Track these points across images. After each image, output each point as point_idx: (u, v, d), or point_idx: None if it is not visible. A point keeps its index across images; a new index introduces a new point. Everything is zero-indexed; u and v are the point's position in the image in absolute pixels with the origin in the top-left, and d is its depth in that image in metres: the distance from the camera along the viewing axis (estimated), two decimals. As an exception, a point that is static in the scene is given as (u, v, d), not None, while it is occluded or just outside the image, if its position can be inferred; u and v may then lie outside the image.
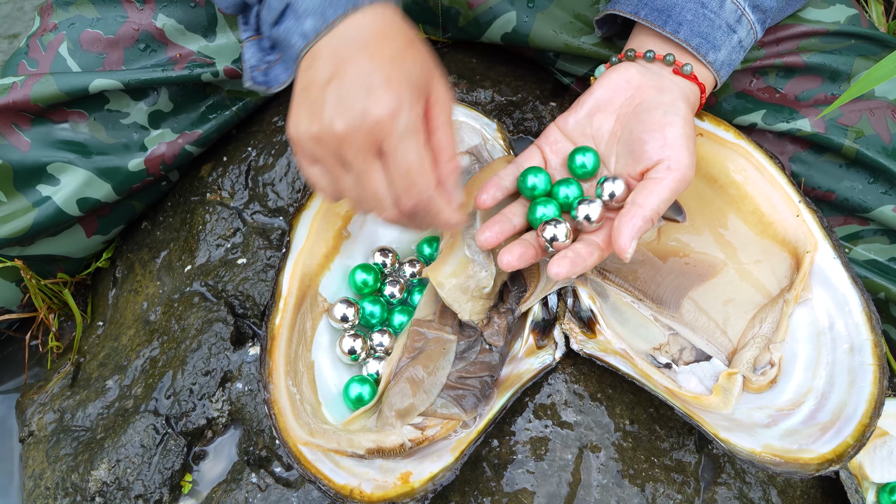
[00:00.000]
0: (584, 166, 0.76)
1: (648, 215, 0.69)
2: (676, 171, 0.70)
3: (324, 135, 0.63)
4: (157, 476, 0.79)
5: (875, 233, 0.87)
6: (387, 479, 0.71)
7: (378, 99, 0.61)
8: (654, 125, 0.72)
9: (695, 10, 0.76)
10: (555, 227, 0.72)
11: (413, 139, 0.63)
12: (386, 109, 0.61)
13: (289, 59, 0.68)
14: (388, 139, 0.62)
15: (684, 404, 0.74)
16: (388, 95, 0.61)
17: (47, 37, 0.88)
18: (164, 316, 0.88)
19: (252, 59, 0.74)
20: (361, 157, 0.63)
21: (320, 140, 0.63)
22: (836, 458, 0.71)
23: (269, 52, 0.73)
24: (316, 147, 0.64)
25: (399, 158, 0.63)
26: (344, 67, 0.62)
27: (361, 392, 0.77)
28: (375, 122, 0.61)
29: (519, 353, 0.79)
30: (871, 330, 0.75)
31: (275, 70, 0.73)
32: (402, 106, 0.62)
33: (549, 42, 0.88)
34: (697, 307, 0.82)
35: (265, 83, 0.73)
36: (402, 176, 0.63)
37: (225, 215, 0.90)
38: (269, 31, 0.69)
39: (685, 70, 0.76)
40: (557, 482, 0.75)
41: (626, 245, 0.68)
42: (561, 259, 0.70)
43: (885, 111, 0.86)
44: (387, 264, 0.83)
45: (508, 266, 0.71)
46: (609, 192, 0.73)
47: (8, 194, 0.87)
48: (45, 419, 0.87)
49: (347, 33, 0.63)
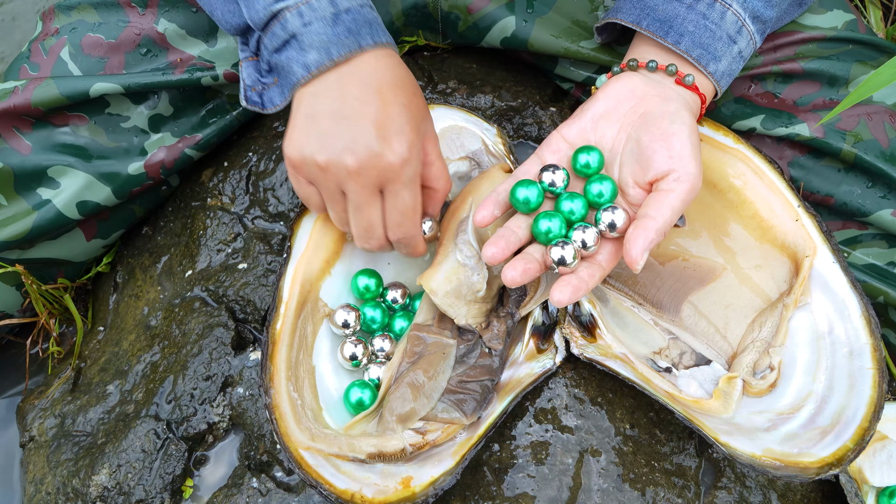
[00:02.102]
0: (589, 165, 0.74)
1: (661, 227, 0.69)
2: (686, 182, 0.71)
3: (332, 166, 0.69)
4: (158, 481, 0.79)
5: (874, 237, 0.87)
6: (388, 484, 0.71)
7: (392, 146, 0.68)
8: (660, 134, 0.72)
9: (696, 22, 0.76)
10: (562, 249, 0.70)
11: (414, 186, 0.71)
12: (398, 157, 0.68)
13: (286, 85, 0.72)
14: (394, 183, 0.70)
15: (684, 408, 0.74)
16: (402, 144, 0.69)
17: (49, 41, 0.88)
18: (165, 321, 0.88)
19: (248, 78, 0.77)
20: (366, 192, 0.70)
21: (326, 169, 0.69)
22: (835, 462, 0.71)
23: (267, 75, 0.76)
24: (319, 173, 0.70)
25: (399, 200, 0.71)
26: (357, 108, 0.68)
27: (362, 397, 0.77)
28: (388, 166, 0.68)
29: (519, 357, 0.79)
30: (871, 334, 0.76)
31: (270, 93, 0.76)
32: (413, 155, 0.70)
33: (548, 46, 0.88)
34: (697, 311, 0.82)
35: (259, 104, 0.76)
36: (398, 213, 0.72)
37: (226, 220, 0.91)
38: (269, 56, 0.73)
39: (687, 81, 0.76)
40: (558, 486, 0.75)
41: (638, 257, 0.68)
42: (564, 285, 0.70)
43: (882, 116, 0.86)
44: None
45: (512, 282, 0.71)
46: (608, 223, 0.72)
47: (8, 198, 0.87)
48: (46, 424, 0.87)
49: (358, 73, 0.69)
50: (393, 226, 0.72)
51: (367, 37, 0.70)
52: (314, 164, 0.70)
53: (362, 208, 0.71)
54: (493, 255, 0.72)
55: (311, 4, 0.69)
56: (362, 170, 0.68)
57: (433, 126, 0.75)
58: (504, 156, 0.85)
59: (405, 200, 0.71)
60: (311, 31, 0.69)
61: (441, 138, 0.86)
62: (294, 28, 0.69)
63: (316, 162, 0.69)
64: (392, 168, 0.69)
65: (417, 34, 0.95)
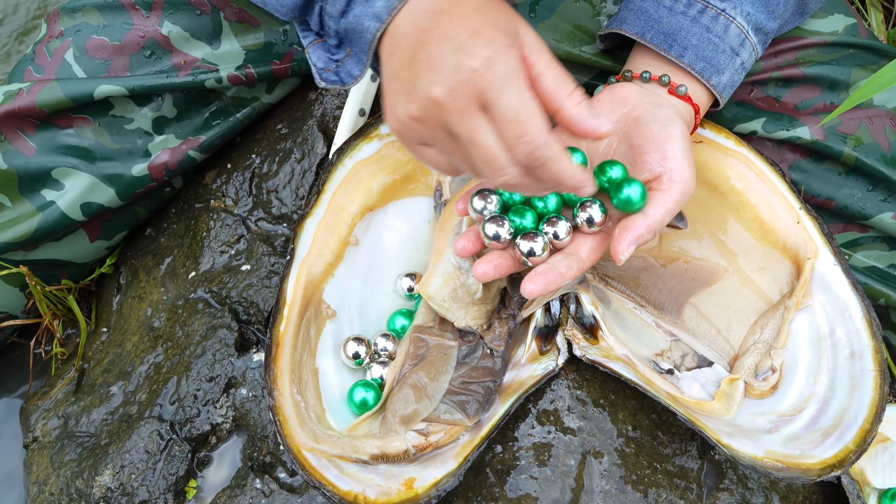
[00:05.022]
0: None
1: (652, 225, 0.69)
2: (679, 184, 0.71)
3: (424, 109, 0.60)
4: (161, 482, 0.79)
5: (874, 240, 0.87)
6: (391, 485, 0.71)
7: (470, 51, 0.58)
8: (652, 138, 0.72)
9: (700, 35, 0.76)
10: (532, 241, 0.69)
11: (515, 83, 0.59)
12: (480, 59, 0.58)
13: (361, 50, 0.66)
14: (489, 89, 0.58)
15: (687, 410, 0.74)
16: (480, 45, 0.58)
17: (53, 43, 0.88)
18: (169, 322, 0.88)
19: (319, 61, 0.71)
20: (466, 116, 0.59)
21: (422, 117, 0.61)
22: (837, 464, 0.71)
23: (337, 51, 0.70)
24: (420, 127, 0.62)
25: (504, 105, 0.58)
26: (426, 36, 0.60)
27: (366, 397, 0.77)
28: (472, 73, 0.58)
29: (522, 359, 0.79)
30: (872, 336, 0.76)
31: (346, 66, 0.69)
32: (497, 52, 0.58)
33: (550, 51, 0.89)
34: (699, 313, 0.82)
35: (338, 81, 0.70)
36: (511, 123, 0.58)
37: (229, 222, 0.91)
38: (336, 24, 0.67)
39: (679, 91, 0.76)
40: (561, 488, 0.75)
41: (623, 249, 0.67)
42: (535, 276, 0.67)
43: (883, 119, 0.87)
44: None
45: (484, 276, 0.69)
46: (586, 218, 0.71)
47: (13, 199, 0.87)
48: (50, 425, 0.87)
49: (422, 5, 0.61)
50: (512, 141, 0.59)
51: None
52: (412, 121, 0.61)
53: (472, 137, 0.59)
54: (462, 248, 0.71)
55: None
56: (449, 92, 0.58)
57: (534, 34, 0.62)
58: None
59: (510, 104, 0.58)
60: None
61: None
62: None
63: (411, 116, 0.61)
64: (477, 74, 0.58)
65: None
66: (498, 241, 0.69)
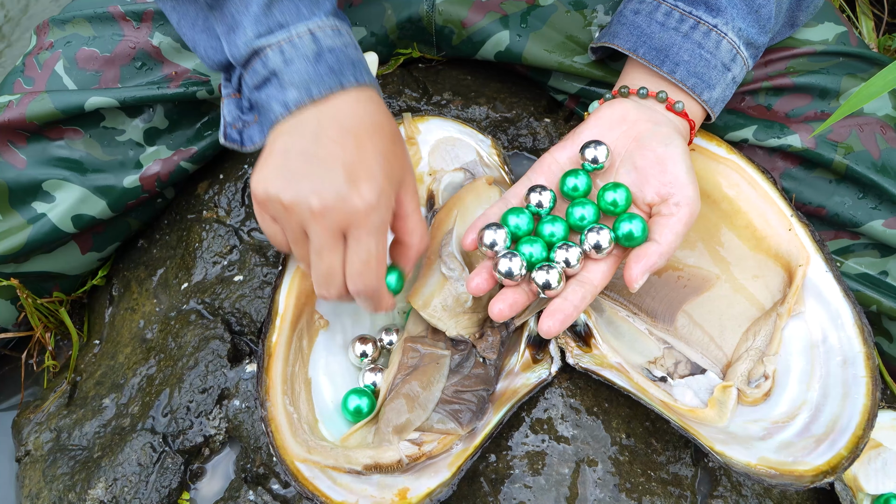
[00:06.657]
0: (577, 188, 0.74)
1: (665, 252, 0.70)
2: (686, 207, 0.71)
3: (296, 206, 0.66)
4: (154, 494, 0.79)
5: (866, 247, 0.88)
6: (384, 496, 0.71)
7: (360, 191, 0.65)
8: (655, 158, 0.73)
9: (691, 51, 0.77)
10: (547, 273, 0.69)
11: (380, 235, 0.67)
12: (365, 203, 0.65)
13: (265, 123, 0.70)
14: (357, 229, 0.66)
15: (680, 418, 0.74)
16: (371, 190, 0.65)
17: (43, 55, 0.88)
18: (161, 334, 0.88)
19: (229, 115, 0.75)
20: (328, 236, 0.66)
21: (290, 209, 0.66)
22: (830, 470, 0.71)
23: (247, 112, 0.74)
24: (283, 212, 0.67)
25: (361, 248, 0.66)
26: (331, 150, 0.65)
27: (360, 404, 0.77)
28: (350, 210, 0.65)
29: (515, 367, 0.79)
30: (864, 342, 0.76)
31: (250, 130, 0.74)
32: (382, 203, 0.66)
33: (542, 60, 0.89)
34: (692, 321, 0.83)
35: (239, 141, 0.75)
36: (359, 263, 0.67)
37: (221, 233, 0.91)
38: (249, 93, 0.71)
39: (677, 107, 0.77)
40: (555, 497, 0.75)
41: (638, 277, 0.69)
42: (553, 312, 0.69)
43: (874, 127, 0.87)
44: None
45: (500, 315, 0.70)
46: (594, 244, 0.71)
47: (3, 212, 0.87)
48: (42, 438, 0.87)
49: (337, 114, 0.66)
50: (353, 275, 0.68)
51: (349, 76, 0.67)
52: (279, 203, 0.66)
53: (323, 253, 0.67)
54: (476, 286, 0.72)
55: (294, 42, 0.67)
56: (326, 212, 0.65)
57: (413, 178, 0.72)
58: (499, 167, 0.86)
59: (368, 249, 0.66)
60: (293, 69, 0.67)
61: (435, 150, 0.86)
62: (275, 65, 0.67)
63: (280, 200, 0.66)
64: (357, 213, 0.65)
65: (412, 47, 0.95)
66: (511, 279, 0.70)
